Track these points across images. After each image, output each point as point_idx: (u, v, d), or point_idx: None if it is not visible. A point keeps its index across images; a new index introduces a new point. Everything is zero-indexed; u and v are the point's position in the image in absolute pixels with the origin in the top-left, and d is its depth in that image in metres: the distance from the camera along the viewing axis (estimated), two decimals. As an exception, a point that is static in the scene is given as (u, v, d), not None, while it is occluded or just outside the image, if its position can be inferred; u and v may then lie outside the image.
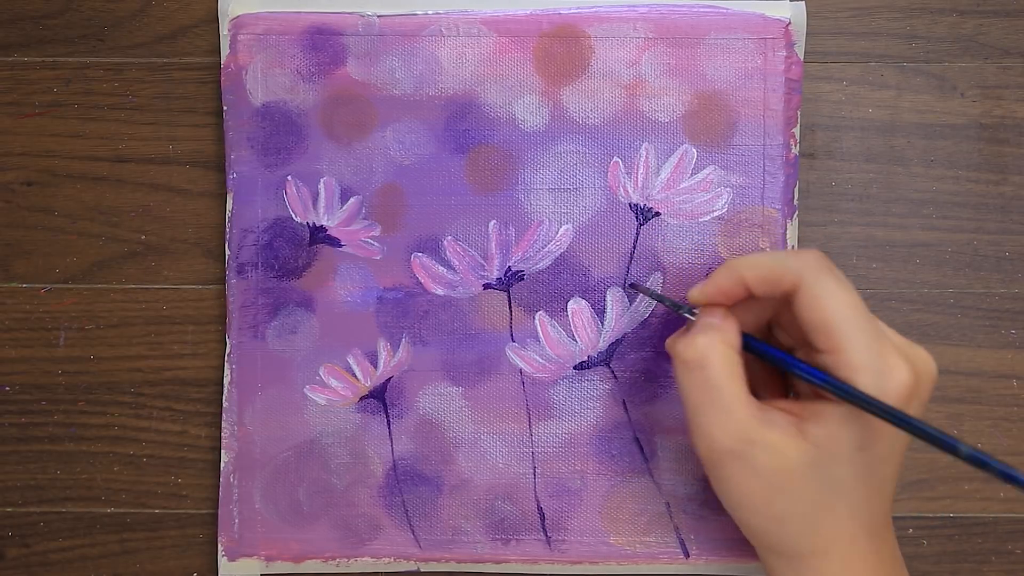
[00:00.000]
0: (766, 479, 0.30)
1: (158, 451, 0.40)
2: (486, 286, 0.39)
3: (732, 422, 0.31)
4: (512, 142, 0.39)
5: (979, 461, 0.27)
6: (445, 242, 0.39)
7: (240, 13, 0.39)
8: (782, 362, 0.32)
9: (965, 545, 0.39)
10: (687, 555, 0.39)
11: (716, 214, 0.39)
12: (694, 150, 0.39)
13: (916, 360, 0.31)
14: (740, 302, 0.33)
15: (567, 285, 0.39)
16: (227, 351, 0.39)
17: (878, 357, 0.30)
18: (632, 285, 0.38)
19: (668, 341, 0.34)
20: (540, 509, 0.39)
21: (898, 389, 0.29)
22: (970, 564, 0.39)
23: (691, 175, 0.39)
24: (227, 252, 0.39)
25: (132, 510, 0.40)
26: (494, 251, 0.39)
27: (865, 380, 0.29)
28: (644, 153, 0.39)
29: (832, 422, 0.30)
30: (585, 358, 0.39)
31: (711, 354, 0.31)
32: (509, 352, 0.39)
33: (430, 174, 0.39)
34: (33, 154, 0.40)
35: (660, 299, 0.36)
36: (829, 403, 0.30)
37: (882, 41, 0.40)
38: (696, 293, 0.33)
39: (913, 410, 0.30)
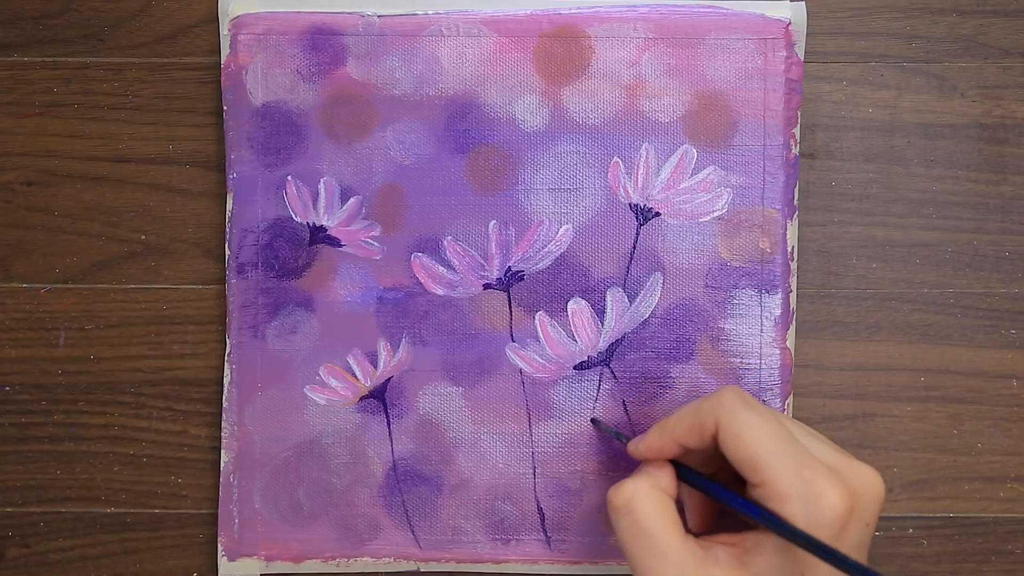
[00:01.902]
0: None
1: (158, 451, 0.40)
2: (486, 286, 0.39)
3: (668, 566, 0.30)
4: (512, 142, 0.39)
5: None
6: (445, 242, 0.39)
7: (240, 13, 0.39)
8: (717, 495, 0.32)
9: (965, 545, 0.39)
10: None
11: (716, 214, 0.39)
12: (694, 150, 0.39)
13: (856, 479, 0.30)
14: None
15: (567, 285, 0.39)
16: (227, 351, 0.39)
17: (805, 484, 0.29)
18: (593, 420, 0.39)
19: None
20: (540, 509, 0.39)
21: (829, 513, 0.29)
22: (970, 564, 0.39)
23: (691, 175, 0.39)
24: (227, 252, 0.39)
25: (132, 510, 0.40)
26: (494, 251, 0.39)
27: (794, 508, 0.29)
28: (644, 153, 0.39)
29: (771, 551, 0.30)
30: (585, 358, 0.39)
31: (638, 498, 0.31)
32: (509, 352, 0.39)
33: (430, 174, 0.39)
34: (33, 154, 0.40)
35: (618, 435, 0.37)
36: (768, 532, 0.30)
37: (882, 41, 0.40)
38: (632, 448, 0.34)
39: (852, 531, 0.30)
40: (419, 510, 0.39)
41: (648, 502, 0.31)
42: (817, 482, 0.29)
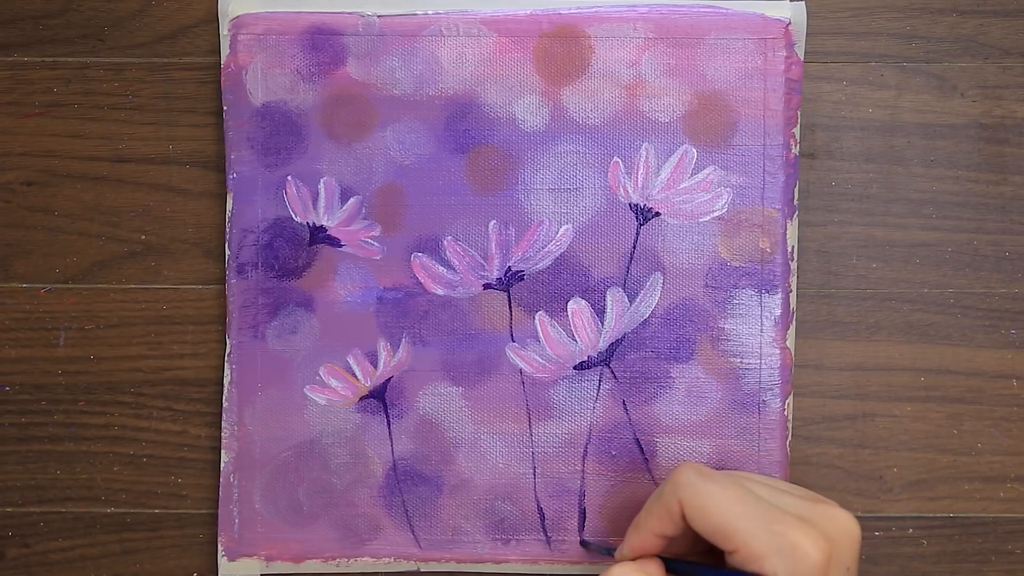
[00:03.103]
0: None
1: (158, 451, 0.40)
2: (486, 286, 0.39)
3: None
4: (512, 142, 0.39)
5: None
6: (445, 242, 0.39)
7: (240, 13, 0.39)
8: (703, 573, 0.32)
9: (965, 545, 0.39)
10: (687, 555, 0.39)
11: (716, 214, 0.39)
12: (694, 150, 0.39)
13: (830, 525, 0.31)
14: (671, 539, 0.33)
15: (567, 285, 0.39)
16: (227, 351, 0.39)
17: (778, 538, 0.30)
18: (582, 542, 0.39)
19: None
20: (540, 509, 0.39)
21: (807, 562, 0.29)
22: (970, 564, 0.39)
23: (691, 175, 0.39)
24: (227, 252, 0.39)
25: (132, 510, 0.40)
26: (494, 251, 0.39)
27: (772, 565, 0.29)
28: (644, 153, 0.39)
29: None
30: (585, 358, 0.39)
31: None
32: (509, 352, 0.39)
33: (430, 174, 0.39)
34: (33, 154, 0.40)
35: (610, 552, 0.36)
36: None
37: (882, 41, 0.40)
38: (618, 555, 0.34)
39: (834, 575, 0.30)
40: (419, 510, 0.39)
41: None
42: (789, 534, 0.30)
